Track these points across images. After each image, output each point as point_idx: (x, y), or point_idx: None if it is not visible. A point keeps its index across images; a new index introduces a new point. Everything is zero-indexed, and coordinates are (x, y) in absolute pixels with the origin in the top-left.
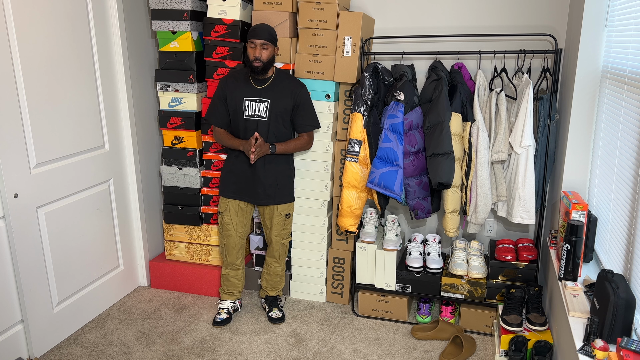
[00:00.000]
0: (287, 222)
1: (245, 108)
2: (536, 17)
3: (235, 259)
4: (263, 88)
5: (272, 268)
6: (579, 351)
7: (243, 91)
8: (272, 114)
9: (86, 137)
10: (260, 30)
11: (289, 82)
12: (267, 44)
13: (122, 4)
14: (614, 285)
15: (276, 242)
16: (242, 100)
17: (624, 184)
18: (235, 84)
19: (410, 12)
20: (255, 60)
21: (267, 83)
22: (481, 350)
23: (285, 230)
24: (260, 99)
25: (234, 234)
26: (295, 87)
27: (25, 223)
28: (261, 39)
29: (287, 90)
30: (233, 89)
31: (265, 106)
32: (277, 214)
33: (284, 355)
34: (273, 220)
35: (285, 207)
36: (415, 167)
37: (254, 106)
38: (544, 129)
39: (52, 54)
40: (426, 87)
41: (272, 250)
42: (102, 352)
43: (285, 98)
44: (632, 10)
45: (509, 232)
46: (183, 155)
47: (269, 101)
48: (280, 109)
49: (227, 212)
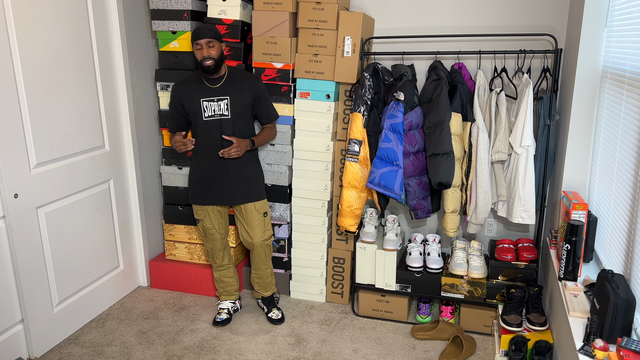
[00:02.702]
0: (266, 220)
1: (204, 109)
2: (536, 17)
3: (223, 259)
4: (219, 86)
5: (260, 271)
6: (579, 351)
7: (199, 93)
8: (234, 110)
9: (86, 137)
10: (202, 30)
11: (243, 77)
12: (212, 41)
13: (122, 4)
14: (614, 285)
15: (260, 245)
16: (200, 102)
17: (624, 184)
18: (189, 88)
19: (410, 12)
20: (204, 60)
21: (221, 81)
22: (481, 350)
23: (267, 230)
24: (219, 97)
25: (218, 237)
26: (252, 81)
27: (25, 223)
28: (205, 38)
29: (244, 85)
30: (188, 93)
31: (225, 104)
32: (255, 212)
33: (284, 355)
34: (253, 220)
35: (261, 204)
36: (415, 167)
37: (213, 106)
38: (544, 129)
39: (52, 54)
40: (426, 87)
41: (258, 255)
42: (102, 352)
43: (244, 92)
44: (632, 10)
45: (509, 232)
46: (183, 155)
47: (228, 98)
48: (241, 105)
49: (207, 218)
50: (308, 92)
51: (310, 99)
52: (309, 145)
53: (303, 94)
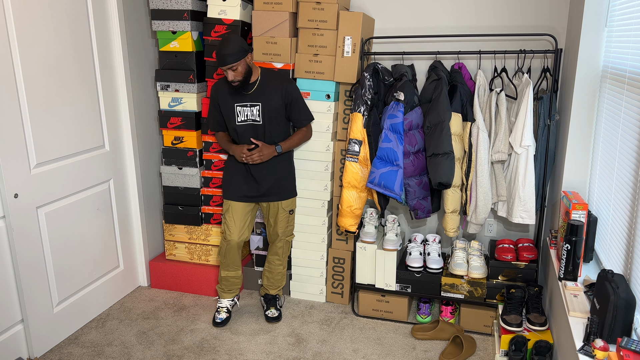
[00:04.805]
0: (290, 218)
1: (238, 114)
2: (536, 17)
3: (235, 260)
4: (252, 93)
5: (274, 266)
6: (579, 351)
7: (233, 98)
8: (265, 116)
9: (86, 137)
10: (222, 57)
11: (276, 82)
12: (235, 65)
13: (122, 4)
14: (614, 285)
15: (280, 240)
16: (234, 107)
17: (624, 184)
18: (225, 92)
19: (411, 12)
20: (232, 82)
21: (254, 87)
22: (481, 350)
23: (290, 226)
24: (252, 104)
25: (236, 237)
26: (284, 85)
27: (25, 223)
28: (226, 66)
29: (276, 90)
30: (223, 97)
31: (257, 110)
32: (281, 210)
33: (284, 355)
34: (278, 217)
35: (289, 202)
36: (415, 167)
37: (246, 111)
38: (544, 129)
39: (52, 54)
40: (426, 87)
41: (276, 248)
42: (102, 352)
43: (276, 99)
44: (632, 10)
45: (509, 232)
46: (183, 155)
47: (260, 104)
48: (273, 111)
49: (229, 213)
50: (308, 92)
51: (310, 99)
52: (309, 145)
53: (303, 94)
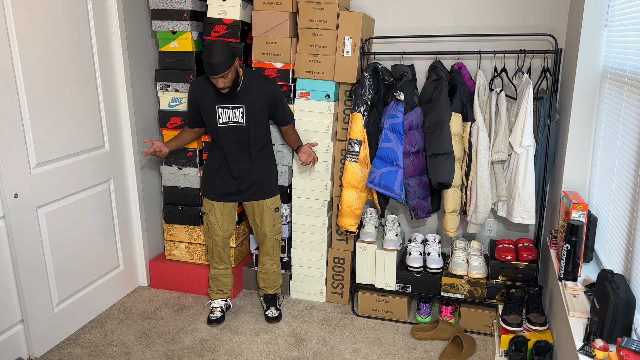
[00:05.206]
0: (277, 216)
1: (219, 116)
2: (536, 17)
3: (223, 258)
4: (234, 95)
5: (267, 266)
6: (579, 351)
7: (214, 99)
8: (249, 119)
9: (86, 137)
10: (212, 67)
11: (258, 84)
12: (226, 73)
13: (122, 4)
14: (614, 285)
15: (269, 239)
16: (215, 108)
17: (624, 184)
18: (205, 92)
19: (411, 12)
20: (222, 89)
21: (237, 89)
22: (481, 350)
23: (277, 225)
24: (234, 105)
25: (220, 234)
26: (268, 87)
27: (25, 223)
28: (217, 75)
29: (259, 93)
30: (204, 97)
31: (240, 112)
32: (266, 208)
33: (284, 355)
34: (264, 216)
35: (273, 200)
36: (415, 167)
37: (228, 113)
38: (544, 129)
39: (52, 54)
40: (426, 87)
41: (266, 248)
42: (102, 352)
43: (259, 101)
44: (632, 10)
45: (509, 232)
46: (183, 155)
47: (243, 107)
48: (257, 113)
49: (212, 212)
50: (308, 92)
51: (310, 99)
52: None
53: (303, 94)
